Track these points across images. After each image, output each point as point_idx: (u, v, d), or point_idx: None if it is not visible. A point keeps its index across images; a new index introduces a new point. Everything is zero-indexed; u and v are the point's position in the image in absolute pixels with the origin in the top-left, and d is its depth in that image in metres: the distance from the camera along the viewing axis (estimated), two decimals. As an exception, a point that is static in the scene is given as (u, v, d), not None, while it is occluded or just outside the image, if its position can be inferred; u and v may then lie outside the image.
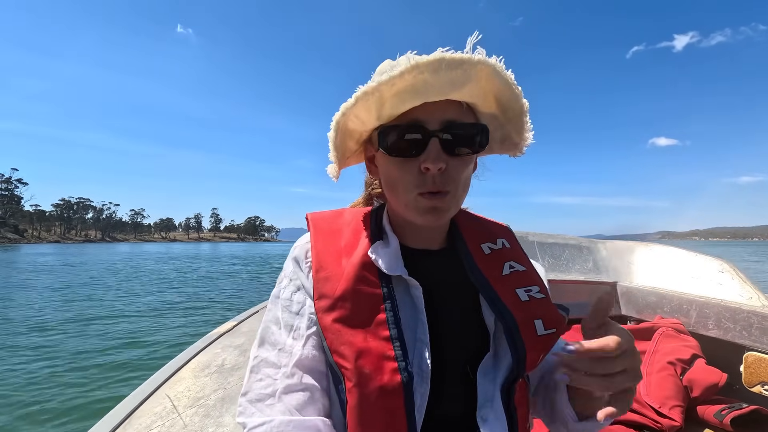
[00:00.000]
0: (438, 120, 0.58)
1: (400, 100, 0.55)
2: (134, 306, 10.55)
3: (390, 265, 0.62)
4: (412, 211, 0.62)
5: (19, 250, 64.63)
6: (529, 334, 0.60)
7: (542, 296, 0.66)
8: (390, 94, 0.54)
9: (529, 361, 0.60)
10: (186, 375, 1.05)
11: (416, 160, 0.58)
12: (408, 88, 0.54)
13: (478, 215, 0.79)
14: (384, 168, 0.64)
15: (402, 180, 0.60)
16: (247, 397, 0.59)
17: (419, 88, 0.54)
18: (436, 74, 0.53)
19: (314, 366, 0.60)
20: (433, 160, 0.57)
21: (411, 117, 0.58)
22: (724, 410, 1.24)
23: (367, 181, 0.83)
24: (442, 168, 0.58)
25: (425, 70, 0.52)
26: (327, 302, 0.59)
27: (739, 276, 1.61)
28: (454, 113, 0.59)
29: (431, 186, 0.59)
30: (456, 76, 0.54)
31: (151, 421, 0.85)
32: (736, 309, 1.40)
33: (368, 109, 0.57)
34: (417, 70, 0.52)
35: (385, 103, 0.56)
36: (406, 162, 0.59)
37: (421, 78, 0.53)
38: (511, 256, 0.71)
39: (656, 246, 2.01)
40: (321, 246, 0.66)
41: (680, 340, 1.47)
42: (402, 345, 0.57)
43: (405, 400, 0.54)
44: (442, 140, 0.58)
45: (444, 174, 0.59)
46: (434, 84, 0.54)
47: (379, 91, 0.54)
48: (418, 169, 0.59)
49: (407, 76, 0.52)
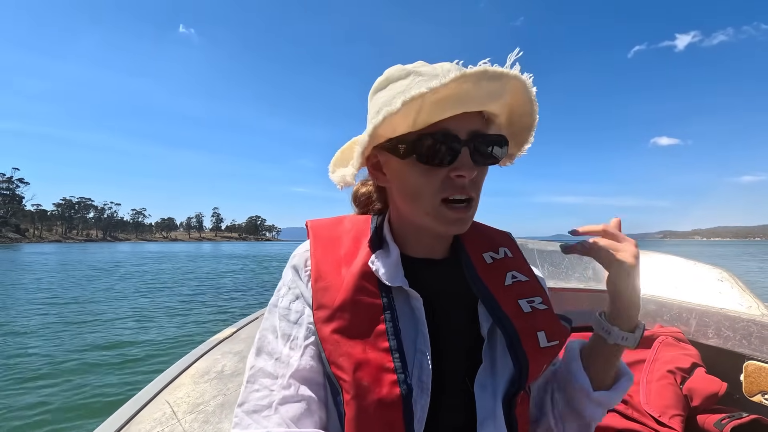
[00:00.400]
0: (466, 130, 0.59)
1: (439, 107, 0.55)
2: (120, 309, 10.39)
3: (390, 276, 0.61)
4: (434, 219, 0.62)
5: (21, 249, 64.57)
6: (532, 346, 0.61)
7: (545, 307, 0.66)
8: (431, 101, 0.54)
9: (531, 373, 0.60)
10: (185, 381, 1.05)
11: (444, 168, 0.59)
12: (451, 96, 0.54)
13: (480, 223, 0.78)
14: (404, 175, 0.62)
15: (427, 187, 0.60)
16: (243, 408, 0.58)
17: (461, 97, 0.55)
18: (478, 85, 0.54)
19: (312, 377, 0.60)
20: (468, 168, 0.58)
21: (441, 126, 0.58)
22: (724, 419, 1.24)
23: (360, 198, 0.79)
24: (474, 176, 0.60)
25: (469, 80, 0.53)
26: (326, 312, 0.59)
27: (739, 284, 1.61)
28: (478, 124, 0.61)
29: (460, 191, 0.60)
30: (494, 88, 0.56)
31: (151, 427, 0.85)
32: (735, 318, 1.40)
33: (407, 115, 0.56)
34: (463, 79, 0.53)
35: (423, 110, 0.55)
36: (434, 170, 0.60)
37: (464, 87, 0.54)
38: (513, 266, 0.71)
39: (655, 254, 2.02)
40: (320, 255, 0.66)
41: (680, 349, 1.47)
42: (401, 356, 0.57)
43: (404, 412, 0.54)
44: (471, 150, 0.59)
45: (471, 181, 0.60)
46: (474, 95, 0.55)
47: (423, 98, 0.53)
48: (445, 177, 0.60)
49: (452, 84, 0.52)
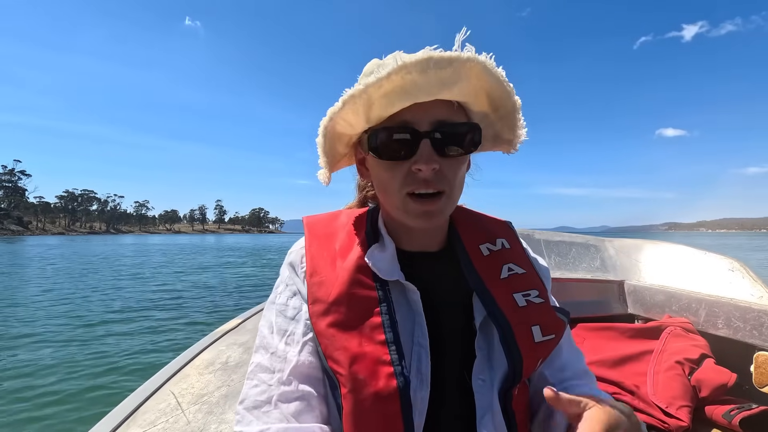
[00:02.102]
0: (428, 120, 0.57)
1: (388, 101, 0.54)
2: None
3: (386, 270, 0.62)
4: (403, 214, 0.61)
5: (24, 242, 65.04)
6: (526, 341, 0.60)
7: (541, 301, 0.65)
8: (378, 96, 0.54)
9: (525, 368, 0.60)
10: (190, 372, 1.07)
11: (407, 162, 0.58)
12: (396, 89, 0.53)
13: (478, 212, 0.78)
14: (375, 170, 0.64)
15: (392, 182, 0.60)
16: (243, 405, 0.58)
17: (408, 88, 0.53)
18: (425, 74, 0.52)
19: (311, 373, 0.60)
20: (425, 161, 0.56)
21: (400, 118, 0.57)
22: (733, 411, 1.23)
23: (360, 184, 0.82)
24: (435, 169, 0.57)
25: (413, 70, 0.51)
26: (321, 307, 0.59)
27: (750, 275, 1.60)
28: (444, 113, 0.58)
29: (423, 186, 0.58)
30: (445, 75, 0.53)
31: (156, 417, 0.86)
32: (746, 308, 1.39)
33: (356, 112, 0.56)
34: (404, 70, 0.51)
35: (374, 105, 0.55)
36: (396, 164, 0.59)
37: (409, 78, 0.52)
38: (510, 258, 0.70)
39: (665, 244, 2.01)
40: (315, 250, 0.66)
41: (689, 340, 1.47)
42: (398, 349, 0.56)
43: (402, 405, 0.54)
44: (433, 141, 0.57)
45: (438, 174, 0.58)
46: (423, 84, 0.53)
47: (367, 93, 0.53)
48: (408, 170, 0.58)
49: (394, 77, 0.51)
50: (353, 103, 0.55)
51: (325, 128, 0.60)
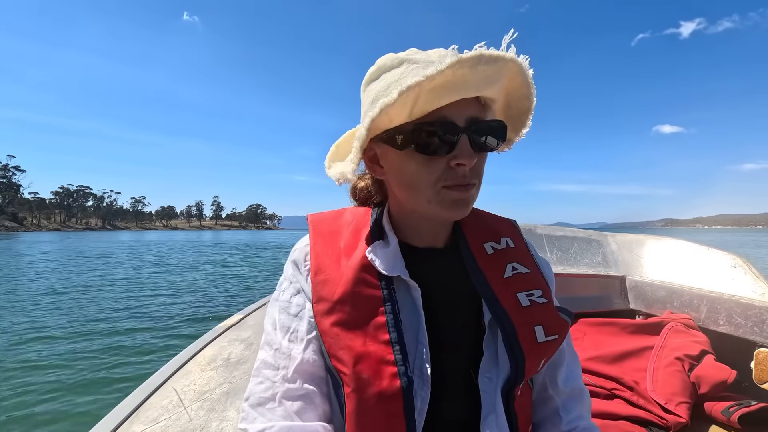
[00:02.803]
0: (464, 117, 0.58)
1: (436, 95, 0.55)
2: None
3: (388, 266, 0.62)
4: (437, 206, 0.61)
5: (18, 238, 64.59)
6: (528, 341, 0.61)
7: (544, 301, 0.66)
8: (427, 89, 0.54)
9: (528, 368, 0.61)
10: (192, 368, 1.09)
11: (444, 157, 0.59)
12: (446, 83, 0.54)
13: (482, 211, 0.78)
14: (403, 166, 0.62)
15: (429, 176, 0.60)
16: (248, 402, 0.60)
17: (458, 83, 0.54)
18: (474, 70, 0.53)
19: (315, 371, 0.61)
20: (468, 156, 0.58)
21: (439, 114, 0.57)
22: (732, 407, 1.25)
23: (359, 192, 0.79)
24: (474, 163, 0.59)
25: (465, 66, 0.52)
26: (325, 306, 0.60)
27: (752, 271, 1.61)
28: (476, 110, 0.60)
29: (461, 179, 0.59)
30: (491, 72, 0.55)
31: (158, 414, 0.88)
32: (748, 305, 1.41)
33: (404, 105, 0.55)
34: (459, 65, 0.52)
35: (420, 99, 0.55)
36: (432, 159, 0.59)
37: (460, 73, 0.53)
38: (514, 257, 0.71)
39: (667, 239, 2.02)
40: (320, 248, 0.67)
41: (689, 336, 1.48)
42: (402, 348, 0.57)
43: (404, 405, 0.55)
44: (470, 137, 0.58)
45: (472, 169, 0.60)
46: (471, 80, 0.54)
47: (420, 86, 0.53)
48: (445, 166, 0.59)
49: (448, 71, 0.52)
50: (406, 96, 0.54)
51: (373, 121, 0.57)
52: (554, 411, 0.72)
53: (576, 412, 0.72)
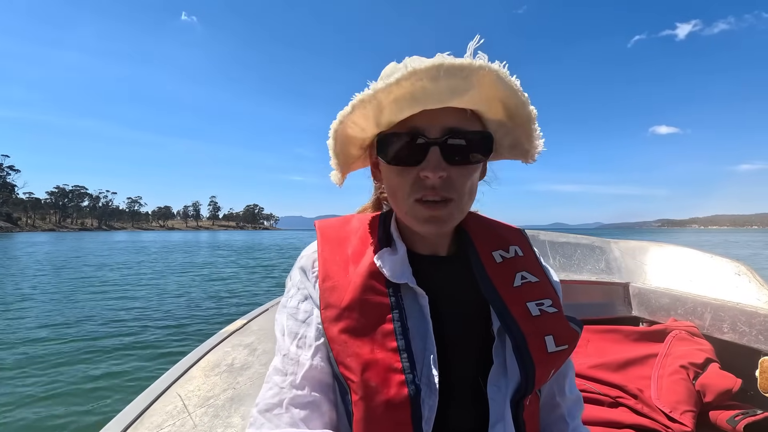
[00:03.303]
0: (439, 127, 0.58)
1: (398, 107, 0.55)
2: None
3: (395, 273, 0.62)
4: (412, 219, 0.62)
5: (12, 239, 64.03)
6: (539, 351, 0.61)
7: (555, 310, 0.66)
8: (388, 101, 0.54)
9: (538, 378, 0.61)
10: (196, 374, 1.09)
11: (416, 168, 0.59)
12: (406, 95, 0.53)
13: (491, 219, 0.79)
14: (385, 175, 0.65)
15: (401, 187, 0.61)
16: (257, 408, 0.60)
17: (417, 95, 0.53)
18: (435, 81, 0.52)
19: (323, 378, 0.62)
20: (433, 168, 0.57)
21: (410, 124, 0.58)
22: (737, 416, 1.25)
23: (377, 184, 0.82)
24: (443, 176, 0.58)
25: (423, 77, 0.52)
26: (333, 312, 0.60)
27: (757, 279, 1.62)
28: (455, 120, 0.59)
29: (430, 193, 0.59)
30: (456, 83, 0.53)
31: (162, 420, 0.89)
32: (752, 312, 1.41)
33: (366, 116, 0.57)
34: (415, 77, 0.52)
35: (384, 110, 0.56)
36: (405, 170, 0.60)
37: (419, 85, 0.52)
38: (523, 266, 0.71)
39: (670, 246, 2.03)
40: (328, 255, 0.67)
41: (694, 344, 1.49)
42: (410, 356, 0.58)
43: (412, 413, 0.55)
44: (442, 148, 0.57)
45: (446, 182, 0.59)
46: (433, 91, 0.53)
47: (377, 99, 0.54)
48: (416, 177, 0.59)
49: (405, 83, 0.52)
50: (363, 108, 0.56)
51: (336, 131, 0.61)
52: (561, 417, 0.73)
53: (578, 419, 0.75)
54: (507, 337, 0.63)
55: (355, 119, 0.58)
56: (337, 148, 0.65)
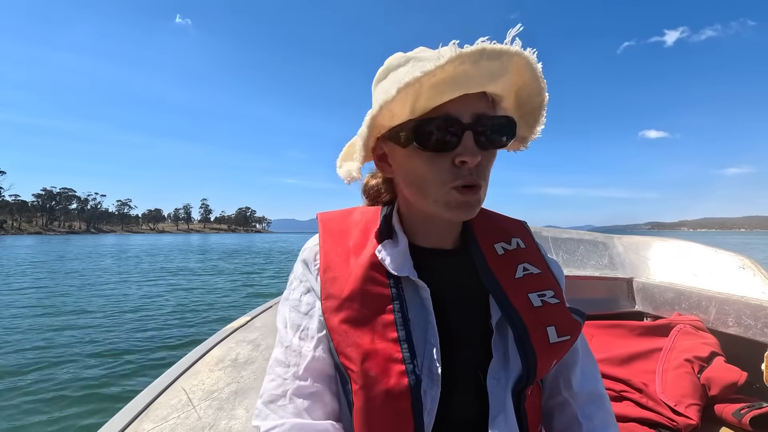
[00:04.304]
0: (470, 113, 0.59)
1: (437, 91, 0.56)
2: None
3: (397, 265, 0.63)
4: (442, 207, 0.62)
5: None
6: (541, 341, 0.62)
7: (557, 301, 0.67)
8: (428, 86, 0.55)
9: (539, 368, 0.62)
10: (201, 369, 1.11)
11: (449, 154, 0.59)
12: (448, 79, 0.54)
13: (492, 212, 0.80)
14: (409, 164, 0.63)
15: (433, 175, 0.60)
16: (262, 399, 0.62)
17: (459, 79, 0.55)
18: (477, 65, 0.54)
19: (325, 369, 0.63)
20: (471, 153, 0.58)
21: (443, 111, 0.58)
22: (743, 409, 1.27)
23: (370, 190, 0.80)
24: (479, 161, 0.59)
25: (467, 61, 0.53)
26: (334, 303, 0.62)
27: (761, 272, 1.64)
28: (483, 106, 0.60)
29: (468, 179, 0.59)
30: (495, 67, 0.56)
31: (167, 413, 0.90)
32: (757, 306, 1.44)
33: (404, 102, 0.57)
34: (459, 60, 0.53)
35: (421, 95, 0.56)
36: (437, 157, 0.60)
37: (462, 69, 0.54)
38: (525, 258, 0.72)
39: (674, 241, 2.05)
40: (329, 246, 0.68)
41: (698, 338, 1.51)
42: (410, 347, 0.59)
43: (412, 402, 0.56)
44: (475, 133, 0.59)
45: (477, 167, 0.60)
46: (474, 75, 0.55)
47: (420, 83, 0.54)
48: (450, 164, 0.59)
49: (449, 66, 0.53)
50: (406, 92, 0.55)
51: (374, 118, 0.59)
52: (573, 418, 0.71)
53: (598, 419, 0.71)
54: (509, 328, 0.64)
55: (393, 106, 0.57)
56: (368, 140, 0.63)
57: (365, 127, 0.60)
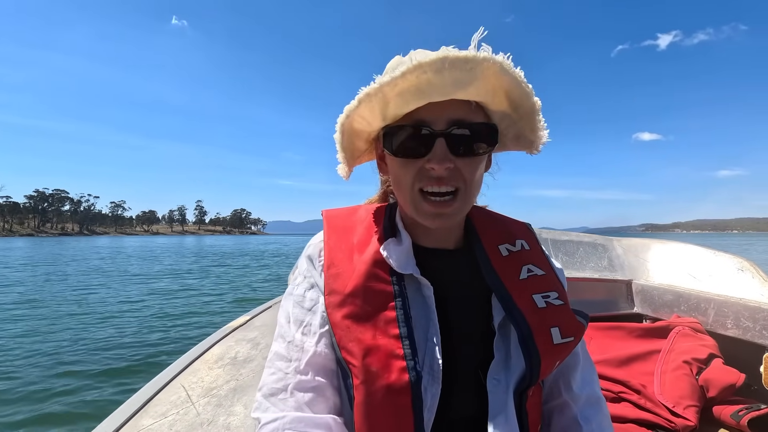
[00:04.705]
0: (444, 119, 0.60)
1: (403, 100, 0.57)
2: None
3: (401, 263, 0.65)
4: (413, 211, 0.65)
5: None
6: (545, 342, 0.63)
7: (561, 303, 0.68)
8: (393, 94, 0.56)
9: (543, 369, 0.63)
10: (200, 366, 1.12)
11: (421, 160, 0.61)
12: (411, 88, 0.55)
13: (497, 213, 0.81)
14: (391, 167, 0.67)
15: (405, 178, 0.63)
16: (261, 392, 0.63)
17: (423, 88, 0.55)
18: (440, 74, 0.54)
19: (326, 364, 0.64)
20: (439, 159, 0.59)
21: (416, 117, 0.60)
22: (741, 411, 1.28)
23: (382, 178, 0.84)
24: (450, 167, 0.60)
25: (428, 70, 0.53)
26: (337, 298, 0.63)
27: (760, 275, 1.66)
28: (461, 112, 0.61)
29: (435, 183, 0.61)
30: (461, 75, 0.55)
31: (167, 409, 0.91)
32: (755, 308, 1.45)
33: (372, 109, 0.59)
34: (420, 69, 0.53)
35: (389, 103, 0.58)
36: (410, 162, 0.62)
37: (424, 78, 0.54)
38: (529, 259, 0.73)
39: (673, 243, 2.07)
40: (333, 243, 0.69)
41: (697, 340, 1.52)
42: (412, 344, 0.60)
43: (413, 399, 0.57)
44: (448, 140, 0.60)
45: (452, 172, 0.61)
46: (438, 84, 0.55)
47: (382, 92, 0.56)
48: (421, 168, 0.61)
49: (410, 76, 0.54)
50: (369, 101, 0.58)
51: (342, 125, 0.63)
52: (573, 420, 0.72)
53: (597, 422, 0.72)
54: (512, 328, 0.65)
55: (361, 113, 0.61)
56: (344, 142, 0.67)
57: (337, 132, 0.64)
